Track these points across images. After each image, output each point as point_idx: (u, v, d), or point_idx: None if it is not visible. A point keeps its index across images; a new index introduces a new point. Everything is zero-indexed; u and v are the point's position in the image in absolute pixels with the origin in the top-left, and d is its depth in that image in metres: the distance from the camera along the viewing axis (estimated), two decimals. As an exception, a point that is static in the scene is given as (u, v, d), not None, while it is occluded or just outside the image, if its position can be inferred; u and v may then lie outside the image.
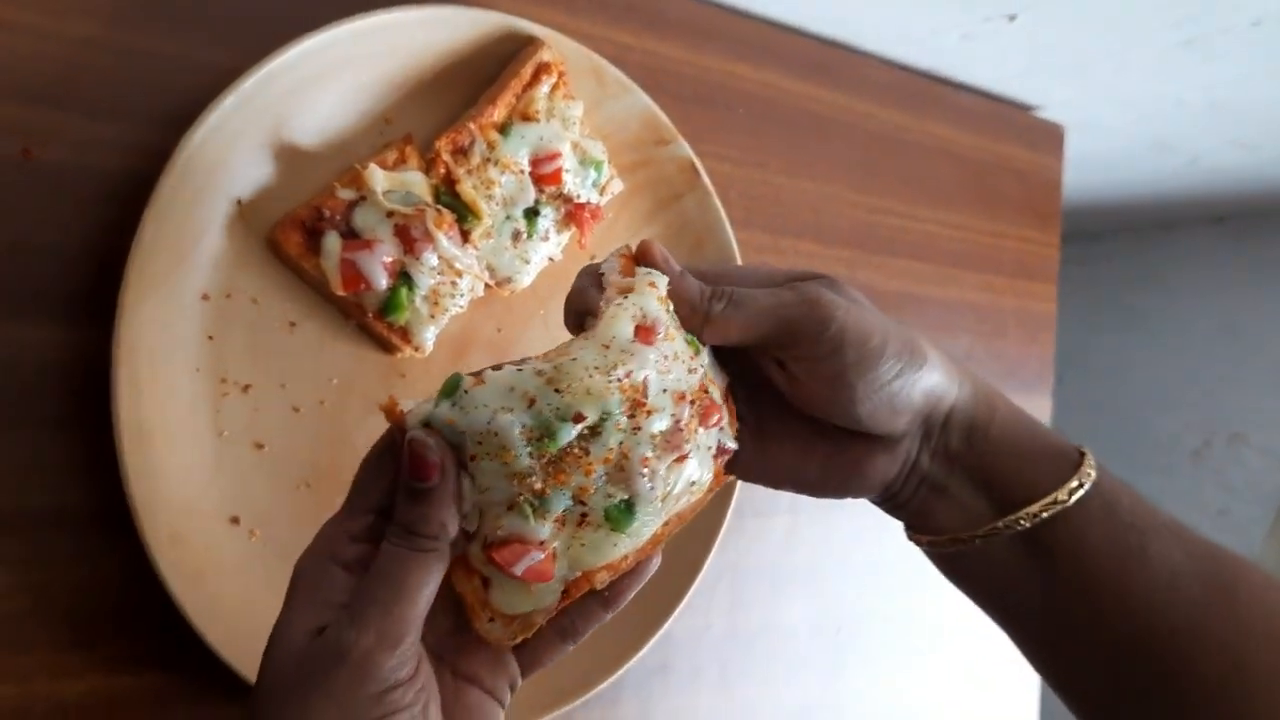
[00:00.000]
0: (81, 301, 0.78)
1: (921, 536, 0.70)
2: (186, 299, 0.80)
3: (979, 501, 0.67)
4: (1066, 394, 1.79)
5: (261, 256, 0.84)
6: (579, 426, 0.56)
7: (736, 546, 1.14)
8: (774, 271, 0.67)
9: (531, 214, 0.90)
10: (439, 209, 0.84)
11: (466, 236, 0.87)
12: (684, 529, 0.98)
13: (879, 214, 1.31)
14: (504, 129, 0.88)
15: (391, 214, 0.83)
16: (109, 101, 0.79)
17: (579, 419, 0.55)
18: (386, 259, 0.83)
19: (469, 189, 0.86)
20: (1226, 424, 2.29)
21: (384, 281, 0.83)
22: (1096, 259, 2.56)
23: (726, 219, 1.04)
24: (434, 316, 0.87)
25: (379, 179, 0.83)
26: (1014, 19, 1.21)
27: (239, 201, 0.82)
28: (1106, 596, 0.63)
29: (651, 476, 0.59)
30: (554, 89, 0.91)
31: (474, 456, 0.55)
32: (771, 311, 0.63)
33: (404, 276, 0.84)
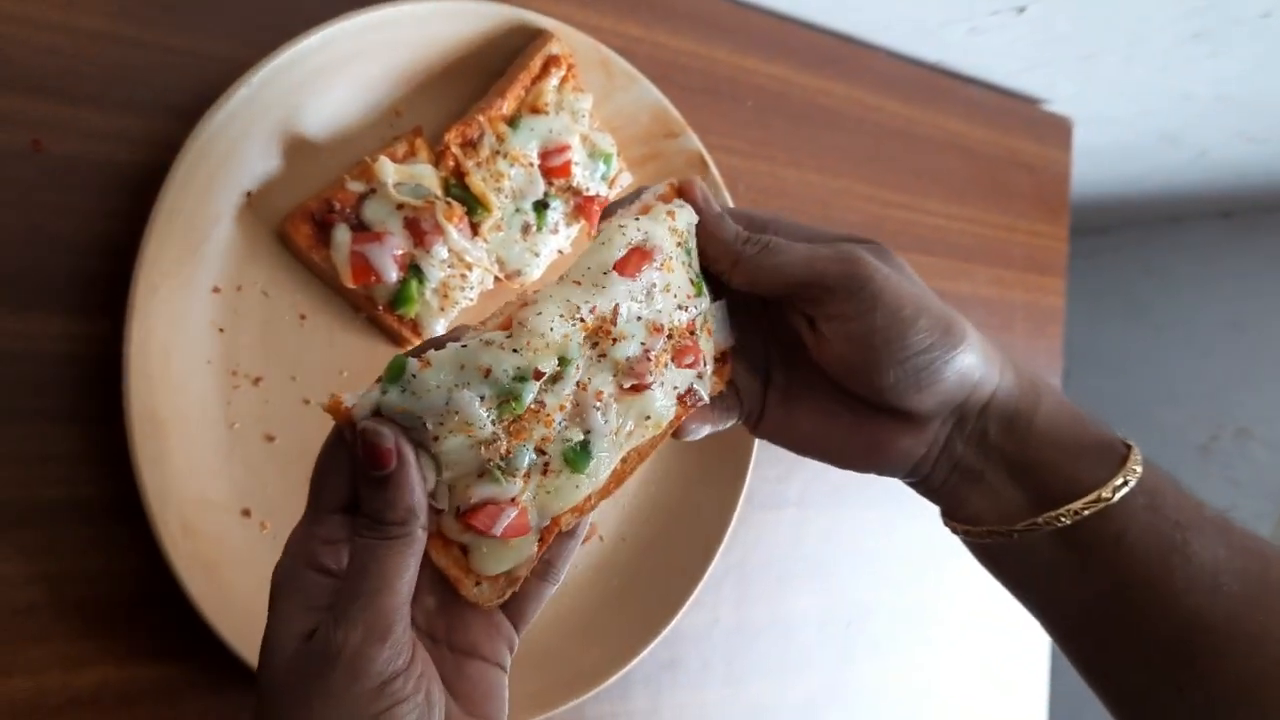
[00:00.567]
0: (93, 294, 0.78)
1: (956, 524, 0.69)
2: (197, 291, 0.80)
3: (1016, 494, 0.65)
4: (1073, 388, 1.78)
5: (272, 249, 0.84)
6: (539, 382, 0.57)
7: (744, 541, 1.13)
8: (821, 230, 0.66)
9: (541, 207, 0.90)
10: (449, 201, 0.84)
11: (476, 229, 0.87)
12: (693, 521, 1.02)
13: (888, 207, 1.30)
14: (513, 122, 0.88)
15: (401, 206, 0.83)
16: (119, 94, 0.80)
17: (538, 375, 0.57)
18: (396, 251, 0.83)
19: (478, 182, 0.86)
20: (1233, 419, 2.29)
21: (394, 274, 0.83)
22: (1104, 253, 2.55)
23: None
24: (444, 309, 0.87)
25: (389, 171, 0.83)
26: (1023, 11, 1.20)
27: (249, 194, 0.82)
28: (1145, 593, 0.61)
29: (605, 410, 0.60)
30: (563, 82, 0.91)
31: (436, 437, 0.56)
32: (806, 264, 0.62)
33: (414, 269, 0.84)
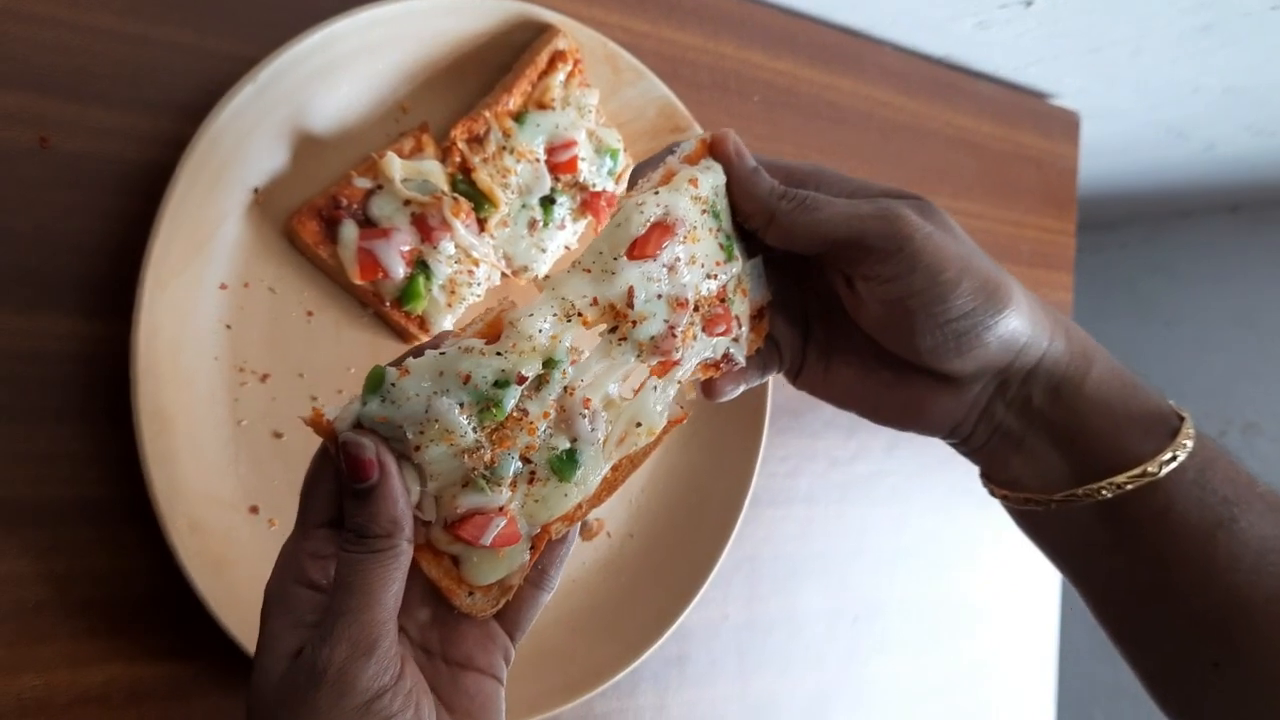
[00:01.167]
0: (100, 292, 0.78)
1: (995, 487, 0.67)
2: (204, 288, 0.79)
3: (1059, 462, 0.63)
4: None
5: (279, 245, 0.83)
6: (522, 388, 0.56)
7: (753, 537, 1.13)
8: (867, 184, 0.63)
9: (547, 202, 0.90)
10: (455, 197, 0.84)
11: (483, 225, 0.86)
12: (701, 518, 1.02)
13: (894, 202, 1.29)
14: (519, 117, 0.88)
15: (408, 202, 0.83)
16: (126, 91, 0.79)
17: (521, 380, 0.56)
18: (404, 247, 0.83)
19: (485, 177, 0.86)
20: (1240, 413, 2.28)
21: (401, 270, 0.83)
22: (1110, 248, 2.55)
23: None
24: (451, 305, 0.86)
25: (396, 167, 0.82)
26: (1030, 4, 1.20)
27: (256, 190, 0.82)
28: (1188, 569, 0.60)
29: (593, 418, 0.59)
30: (569, 77, 0.90)
31: (418, 446, 0.55)
32: (843, 221, 0.60)
33: (421, 265, 0.84)
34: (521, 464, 0.58)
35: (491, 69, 0.91)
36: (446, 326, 0.87)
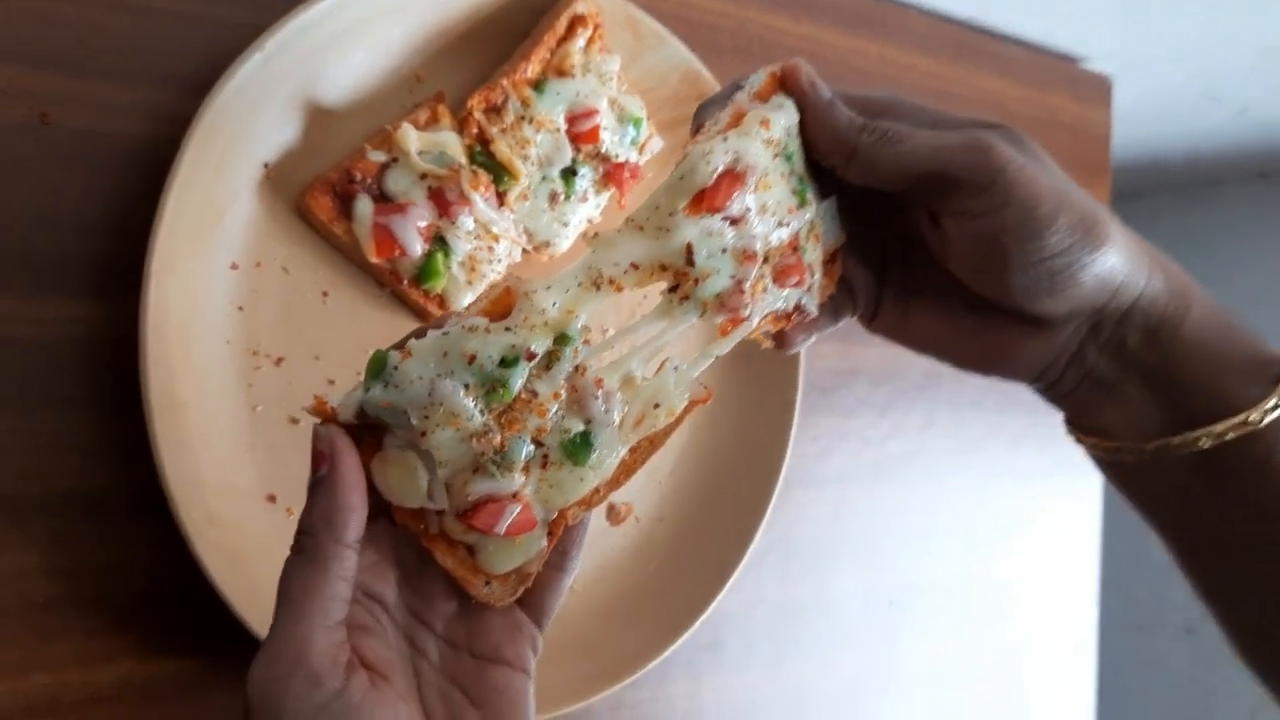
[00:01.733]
0: (105, 275, 0.75)
1: (1082, 435, 0.64)
2: (215, 269, 0.77)
3: (1154, 409, 0.60)
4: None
5: (291, 223, 0.81)
6: (530, 365, 0.53)
7: (785, 519, 1.10)
8: (949, 114, 0.60)
9: (569, 174, 0.87)
10: (474, 170, 0.81)
11: (503, 199, 0.83)
12: (732, 500, 0.99)
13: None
14: (538, 85, 0.85)
15: (425, 176, 0.80)
16: (129, 64, 0.76)
17: (530, 356, 0.53)
18: (421, 223, 0.80)
19: (504, 149, 0.83)
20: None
21: (419, 247, 0.80)
22: (1139, 217, 2.48)
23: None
24: (471, 283, 0.84)
25: (411, 139, 0.80)
26: (1064, -38, 1.16)
27: (266, 166, 0.79)
28: None
29: (606, 399, 0.56)
30: (589, 42, 0.87)
31: (424, 432, 0.53)
32: (931, 153, 0.56)
33: (439, 241, 0.81)
34: (533, 448, 0.55)
35: (509, 35, 0.88)
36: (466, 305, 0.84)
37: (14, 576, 0.72)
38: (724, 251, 0.56)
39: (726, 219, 0.56)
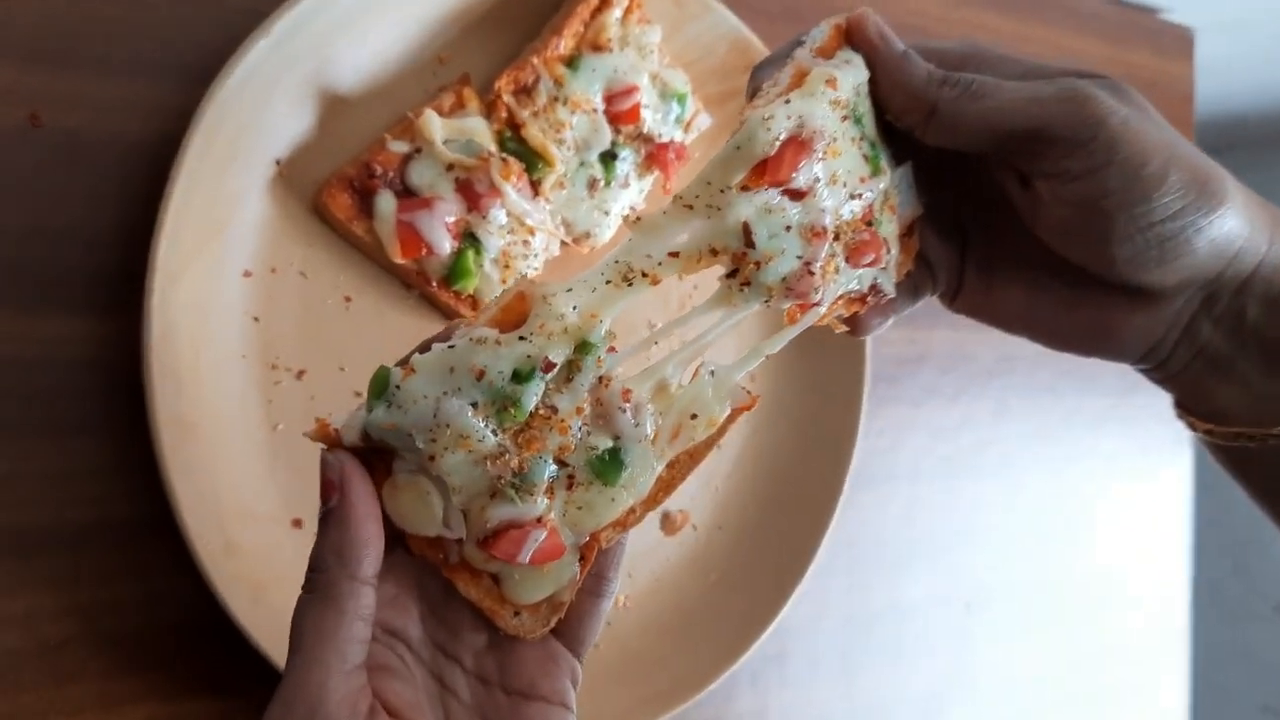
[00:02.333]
0: (108, 286, 0.72)
1: (1195, 420, 0.60)
2: (226, 277, 0.74)
3: (1277, 388, 0.55)
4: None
5: (307, 223, 0.78)
6: (548, 377, 0.49)
7: (852, 521, 1.06)
8: (1039, 65, 0.56)
9: (608, 158, 0.84)
10: (504, 158, 0.78)
11: (537, 188, 0.80)
12: (795, 504, 0.95)
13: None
14: (572, 62, 0.82)
15: (452, 166, 0.77)
16: (124, 55, 0.73)
17: (548, 367, 0.49)
18: (449, 219, 0.77)
19: (536, 133, 0.80)
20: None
21: (447, 245, 0.77)
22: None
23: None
24: (505, 282, 0.80)
25: (436, 127, 0.77)
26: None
27: (278, 162, 0.76)
28: None
29: (635, 412, 0.52)
30: (626, 13, 0.83)
31: (432, 456, 0.49)
32: (1022, 107, 0.52)
33: (469, 238, 0.78)
34: (556, 468, 0.52)
35: (538, 10, 0.85)
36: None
37: (25, 617, 0.69)
38: (788, 229, 0.52)
39: (788, 193, 0.51)
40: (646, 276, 0.51)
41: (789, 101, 0.51)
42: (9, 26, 0.69)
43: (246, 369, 0.74)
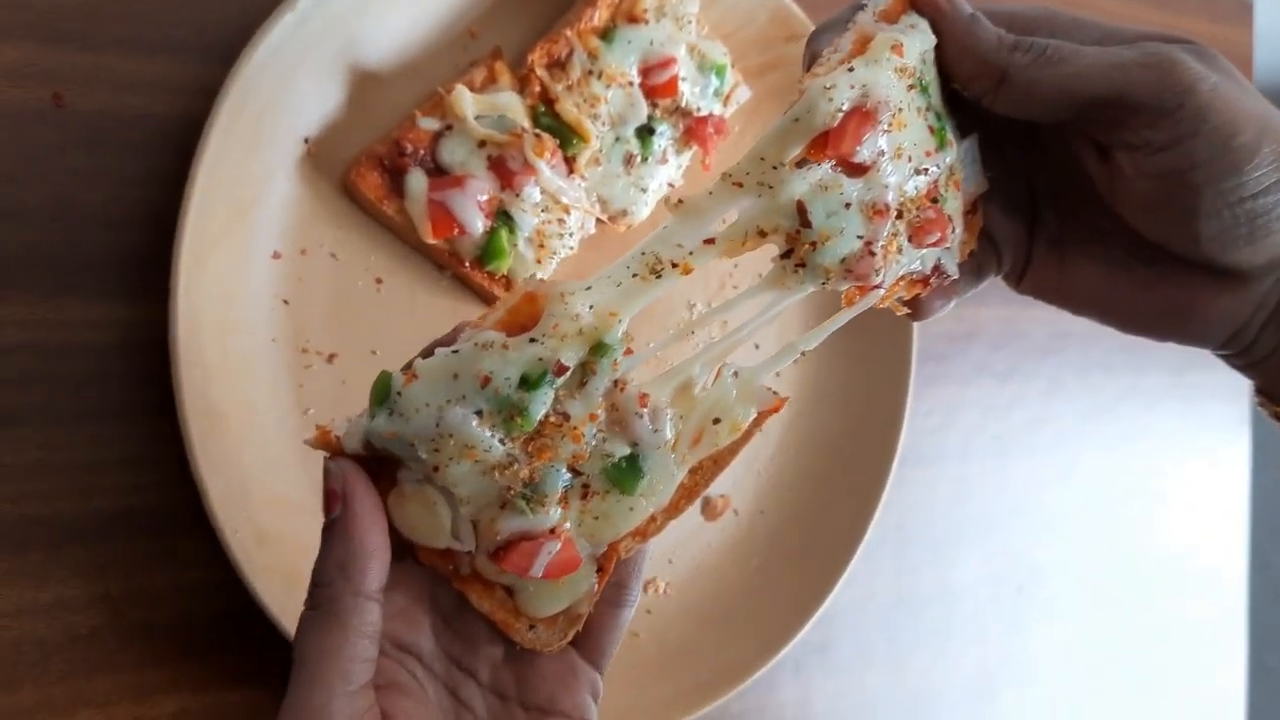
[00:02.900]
0: (134, 269, 0.71)
1: (1277, 408, 0.57)
2: (254, 259, 0.73)
3: None
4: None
5: (337, 203, 0.77)
6: (559, 382, 0.47)
7: (899, 503, 1.04)
8: (1119, 27, 0.53)
9: (645, 133, 0.82)
10: (538, 134, 0.77)
11: (572, 165, 0.79)
12: (841, 487, 0.93)
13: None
14: (607, 35, 0.80)
15: (484, 143, 0.76)
16: (149, 34, 0.72)
17: (561, 370, 0.47)
18: (481, 197, 0.76)
19: (570, 108, 0.78)
20: None
21: (480, 224, 0.76)
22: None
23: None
24: (540, 261, 0.79)
25: (467, 103, 0.75)
26: None
27: (306, 140, 0.75)
28: None
29: (653, 417, 0.50)
30: None
31: (436, 466, 0.48)
32: (1102, 73, 0.49)
33: (503, 216, 0.77)
34: (570, 477, 0.50)
35: None
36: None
37: (53, 606, 0.68)
38: (848, 207, 0.49)
39: (847, 168, 0.48)
40: (677, 267, 0.48)
41: (852, 69, 0.48)
42: (29, 6, 0.68)
43: (277, 353, 0.73)
